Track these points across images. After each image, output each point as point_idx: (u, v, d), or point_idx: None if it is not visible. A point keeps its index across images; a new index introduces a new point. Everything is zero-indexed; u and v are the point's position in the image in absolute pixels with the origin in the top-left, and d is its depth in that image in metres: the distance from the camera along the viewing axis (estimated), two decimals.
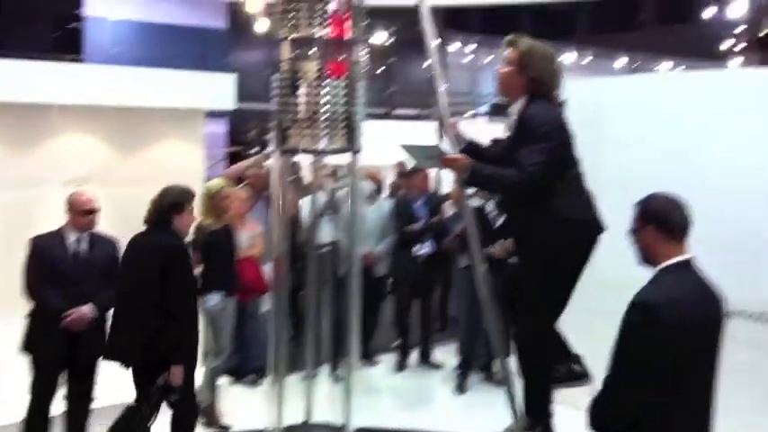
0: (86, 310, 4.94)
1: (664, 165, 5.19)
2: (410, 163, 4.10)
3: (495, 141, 4.06)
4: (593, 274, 3.78)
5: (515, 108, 3.75)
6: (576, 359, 3.89)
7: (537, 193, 3.59)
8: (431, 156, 3.78)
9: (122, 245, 5.63)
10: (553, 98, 3.74)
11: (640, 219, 3.03)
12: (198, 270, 5.96)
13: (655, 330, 2.80)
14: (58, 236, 5.10)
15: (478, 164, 3.67)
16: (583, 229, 3.69)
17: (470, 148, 3.89)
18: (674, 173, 5.13)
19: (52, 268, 4.96)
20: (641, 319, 2.81)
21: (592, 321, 3.74)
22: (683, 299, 2.88)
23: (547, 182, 3.57)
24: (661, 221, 2.98)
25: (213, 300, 5.91)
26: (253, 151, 16.88)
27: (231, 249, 6.10)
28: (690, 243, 2.97)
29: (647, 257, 3.02)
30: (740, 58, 24.79)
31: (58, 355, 4.95)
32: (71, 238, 5.09)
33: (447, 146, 3.85)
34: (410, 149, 3.89)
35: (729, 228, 5.02)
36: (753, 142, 4.99)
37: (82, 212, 5.08)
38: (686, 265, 2.98)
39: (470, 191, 4.15)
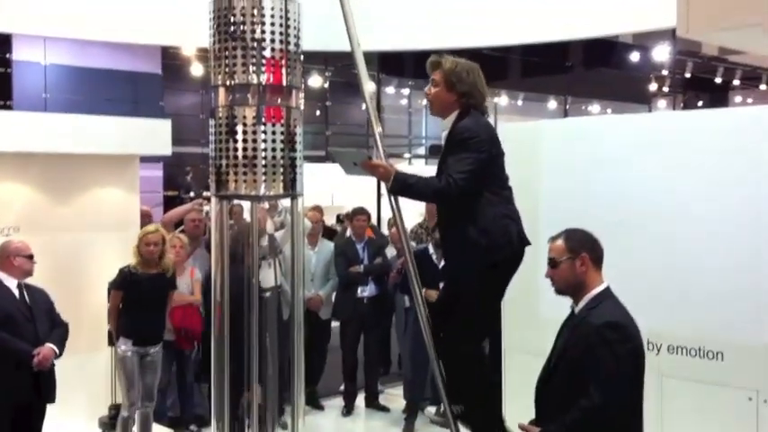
0: (50, 348, 5.15)
1: (598, 206, 5.30)
2: (339, 174, 4.08)
3: None
4: (532, 314, 3.83)
5: (447, 123, 3.86)
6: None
7: (458, 204, 3.67)
8: (357, 161, 3.79)
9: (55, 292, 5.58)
10: (483, 110, 3.87)
11: (571, 249, 3.22)
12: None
13: (630, 346, 3.12)
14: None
15: (401, 171, 3.74)
16: (506, 247, 3.74)
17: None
18: (607, 214, 5.27)
19: (6, 317, 5.09)
20: (617, 337, 3.08)
21: (533, 361, 3.77)
22: (632, 320, 3.19)
23: (471, 192, 3.64)
24: (592, 250, 3.20)
25: (121, 346, 5.89)
26: (190, 195, 16.72)
27: (151, 296, 6.04)
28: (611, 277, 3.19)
29: (574, 286, 3.23)
30: (665, 100, 25.65)
31: (21, 396, 5.13)
32: (12, 285, 5.22)
33: (375, 153, 3.88)
34: (338, 154, 3.91)
35: (655, 262, 5.15)
36: (680, 182, 5.13)
37: (27, 257, 5.26)
38: (609, 291, 3.27)
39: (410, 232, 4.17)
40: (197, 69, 17.20)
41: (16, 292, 5.24)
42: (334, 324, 8.02)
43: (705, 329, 4.87)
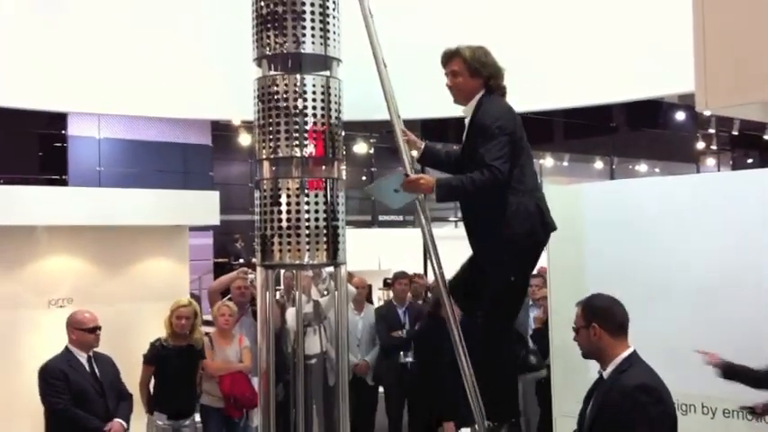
0: (119, 424, 5.32)
1: (642, 269, 5.27)
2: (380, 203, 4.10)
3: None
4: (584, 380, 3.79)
5: (468, 110, 3.93)
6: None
7: (482, 196, 3.71)
8: (396, 185, 3.82)
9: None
10: (503, 90, 3.95)
11: (585, 318, 3.25)
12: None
13: (662, 408, 3.12)
14: (66, 358, 5.34)
15: (440, 178, 3.78)
16: (529, 236, 3.81)
17: (427, 152, 4.11)
18: (652, 276, 5.23)
19: (79, 391, 5.23)
20: (649, 400, 3.08)
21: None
22: (662, 383, 3.19)
23: (508, 175, 3.70)
24: (605, 320, 3.22)
25: (157, 421, 5.94)
26: (240, 262, 16.93)
27: (181, 371, 6.12)
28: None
29: (594, 353, 3.25)
30: (713, 158, 25.40)
31: None
32: (82, 357, 5.33)
33: (407, 167, 3.91)
34: (377, 188, 3.98)
35: (700, 324, 5.08)
36: (729, 245, 5.09)
37: (87, 330, 5.35)
38: (637, 356, 3.27)
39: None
40: (245, 139, 17.62)
41: (87, 366, 5.37)
42: (381, 389, 7.98)
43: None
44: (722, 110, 1.95)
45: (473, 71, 3.89)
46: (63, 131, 16.24)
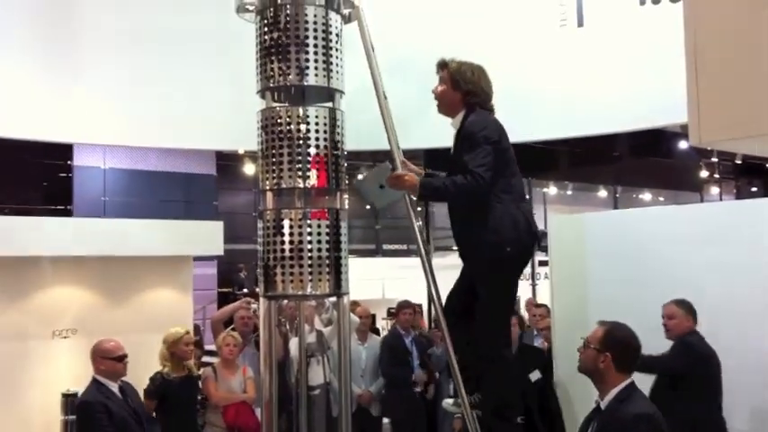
0: None
1: (645, 298, 5.27)
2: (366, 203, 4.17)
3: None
4: None
5: (456, 123, 4.05)
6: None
7: (484, 195, 3.79)
8: (382, 180, 3.91)
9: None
10: (490, 108, 4.06)
11: (601, 343, 3.28)
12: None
13: None
14: (103, 389, 5.22)
15: (425, 178, 3.93)
16: (516, 243, 3.89)
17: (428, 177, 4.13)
18: (656, 306, 5.23)
19: (119, 420, 5.13)
20: (649, 428, 3.15)
21: None
22: (659, 413, 3.26)
23: (492, 182, 3.79)
24: (619, 353, 3.25)
25: None
26: (243, 291, 16.93)
27: (185, 401, 6.10)
28: None
29: (592, 374, 3.30)
30: (717, 188, 25.40)
31: None
32: (113, 387, 5.25)
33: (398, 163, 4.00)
34: (363, 184, 4.07)
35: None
36: (733, 274, 5.10)
37: (115, 359, 5.27)
38: (635, 386, 3.33)
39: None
40: (249, 169, 17.69)
41: (120, 395, 5.28)
42: (386, 420, 7.94)
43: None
44: (716, 144, 1.97)
45: (454, 83, 4.05)
46: (69, 162, 16.32)
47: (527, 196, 4.21)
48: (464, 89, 4.02)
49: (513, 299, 4.15)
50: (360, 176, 4.00)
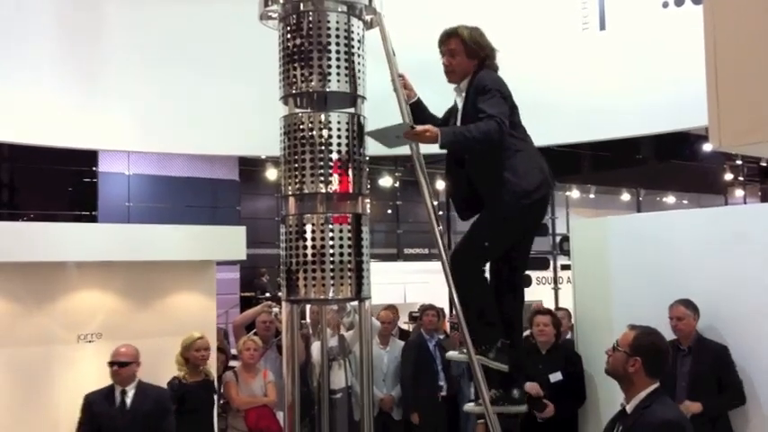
0: None
1: (668, 302, 5.25)
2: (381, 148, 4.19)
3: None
4: None
5: (464, 85, 4.07)
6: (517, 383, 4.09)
7: (501, 141, 3.80)
8: (398, 134, 3.88)
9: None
10: (495, 67, 4.08)
11: (632, 347, 3.27)
12: None
13: None
14: (106, 390, 5.50)
15: (443, 128, 3.87)
16: (544, 184, 3.95)
17: (419, 103, 4.22)
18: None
19: (100, 422, 5.38)
20: None
21: None
22: (686, 419, 3.35)
23: (511, 128, 3.84)
24: (650, 359, 3.23)
25: None
26: (266, 296, 16.99)
27: (202, 405, 6.14)
28: None
29: (620, 378, 3.30)
30: (741, 191, 25.15)
31: None
32: (116, 391, 5.47)
33: (406, 118, 4.01)
34: (376, 134, 4.00)
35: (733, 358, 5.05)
36: (759, 277, 5.06)
37: (112, 365, 5.47)
38: (661, 391, 3.32)
39: None
40: (272, 174, 17.78)
41: (119, 398, 5.48)
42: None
43: None
44: (736, 148, 1.97)
45: (470, 51, 4.05)
46: (93, 168, 16.48)
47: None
48: (481, 55, 4.05)
49: (505, 248, 4.12)
50: (374, 130, 4.02)
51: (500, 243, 4.04)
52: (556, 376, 5.93)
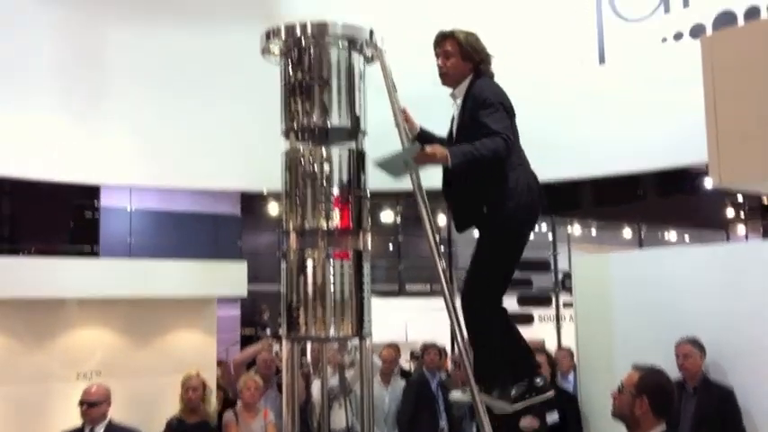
0: None
1: (671, 339, 5.20)
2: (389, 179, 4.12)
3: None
4: None
5: (460, 90, 4.02)
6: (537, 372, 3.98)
7: (507, 157, 3.77)
8: (407, 159, 3.83)
9: None
10: (491, 74, 4.06)
11: (637, 387, 3.22)
12: None
13: None
14: (79, 429, 5.49)
15: (451, 148, 3.82)
16: (537, 195, 3.93)
17: (422, 134, 4.18)
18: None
19: None
20: None
21: None
22: None
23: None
24: (656, 398, 3.18)
25: None
26: (267, 333, 16.88)
27: None
28: None
29: (627, 420, 3.23)
30: (743, 227, 25.10)
31: None
32: (86, 430, 5.48)
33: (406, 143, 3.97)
34: (384, 163, 3.91)
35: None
36: (759, 314, 5.02)
37: (82, 404, 5.48)
38: (668, 430, 3.26)
39: None
40: (273, 209, 17.77)
41: None
42: None
43: None
44: (736, 185, 1.95)
45: (465, 54, 4.03)
46: (95, 202, 16.48)
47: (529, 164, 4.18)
48: (476, 59, 4.03)
49: (514, 267, 4.05)
50: (380, 158, 3.96)
51: (509, 259, 3.98)
52: (552, 416, 5.86)
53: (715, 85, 2.00)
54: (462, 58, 4.03)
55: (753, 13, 5.94)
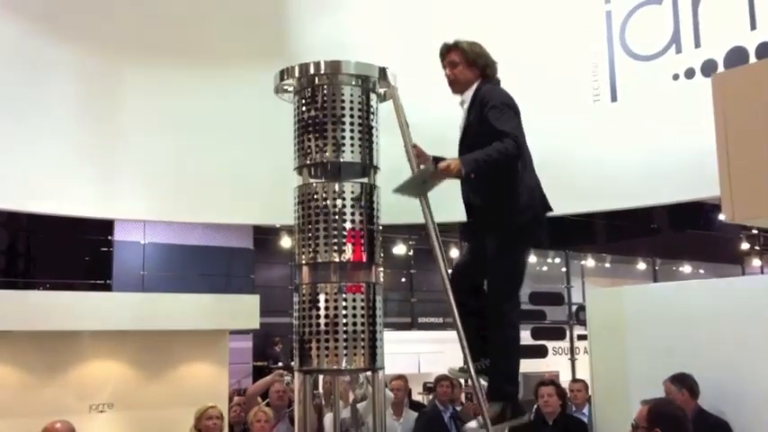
0: None
1: (686, 371, 5.16)
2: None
3: None
4: None
5: (467, 96, 4.15)
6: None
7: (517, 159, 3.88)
8: (426, 178, 3.94)
9: None
10: (497, 81, 4.19)
11: (648, 420, 3.21)
12: None
13: None
14: None
15: (463, 157, 3.93)
16: (529, 210, 4.01)
17: (436, 162, 4.13)
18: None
19: None
20: None
21: None
22: None
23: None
24: (670, 428, 3.16)
25: None
26: (278, 365, 16.84)
27: None
28: None
29: None
30: (758, 260, 24.95)
31: None
32: None
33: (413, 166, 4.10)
34: (402, 188, 4.03)
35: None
36: None
37: None
38: None
39: None
40: (286, 242, 17.82)
41: None
42: None
43: None
44: (749, 220, 1.97)
45: (470, 61, 4.17)
46: (109, 237, 16.59)
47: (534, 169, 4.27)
48: (481, 64, 4.17)
49: (523, 269, 4.16)
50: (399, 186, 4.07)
51: (521, 256, 4.10)
52: None
53: (726, 122, 2.02)
54: (468, 65, 4.19)
55: (764, 48, 5.97)
